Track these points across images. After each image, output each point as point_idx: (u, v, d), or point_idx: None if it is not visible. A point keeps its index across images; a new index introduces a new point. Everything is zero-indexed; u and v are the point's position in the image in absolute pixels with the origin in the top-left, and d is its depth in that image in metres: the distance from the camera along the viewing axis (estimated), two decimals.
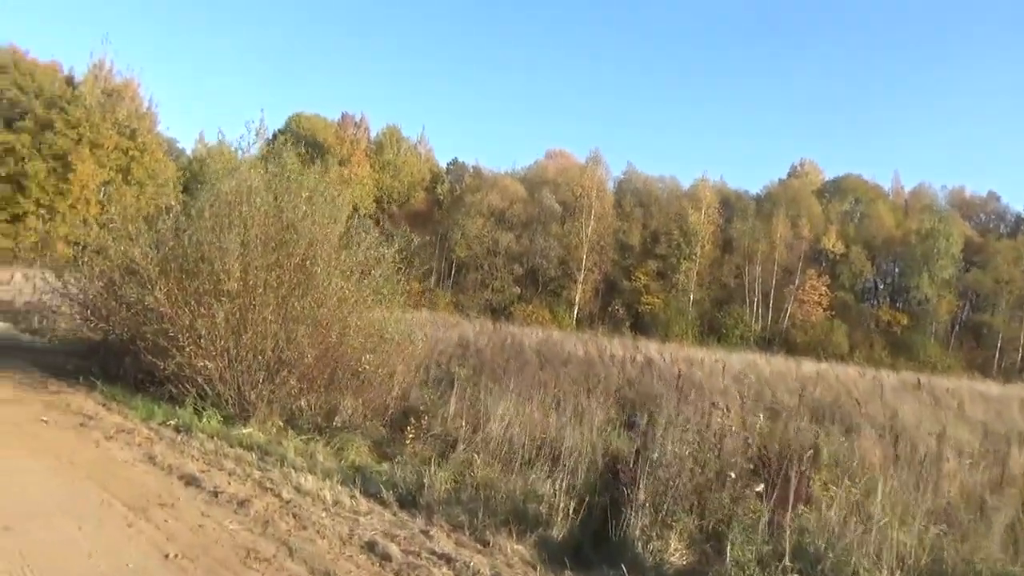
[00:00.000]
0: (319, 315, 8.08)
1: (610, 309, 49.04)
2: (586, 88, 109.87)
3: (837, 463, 7.55)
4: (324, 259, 8.27)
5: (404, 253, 9.67)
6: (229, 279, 7.65)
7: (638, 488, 5.33)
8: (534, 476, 6.16)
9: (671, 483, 5.63)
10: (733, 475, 5.32)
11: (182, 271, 7.99)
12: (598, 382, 11.51)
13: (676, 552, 4.93)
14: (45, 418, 7.02)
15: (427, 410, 7.76)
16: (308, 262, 8.21)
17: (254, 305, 7.77)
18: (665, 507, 5.38)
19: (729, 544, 4.61)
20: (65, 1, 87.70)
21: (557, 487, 5.69)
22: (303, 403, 8.17)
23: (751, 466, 5.57)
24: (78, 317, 11.17)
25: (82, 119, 44.39)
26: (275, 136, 62.06)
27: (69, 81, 47.45)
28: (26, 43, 60.68)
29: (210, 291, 7.76)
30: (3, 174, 43.67)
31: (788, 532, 4.89)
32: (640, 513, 5.13)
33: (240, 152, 17.66)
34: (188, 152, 59.39)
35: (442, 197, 58.93)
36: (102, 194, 45.59)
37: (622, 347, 24.14)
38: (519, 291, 50.16)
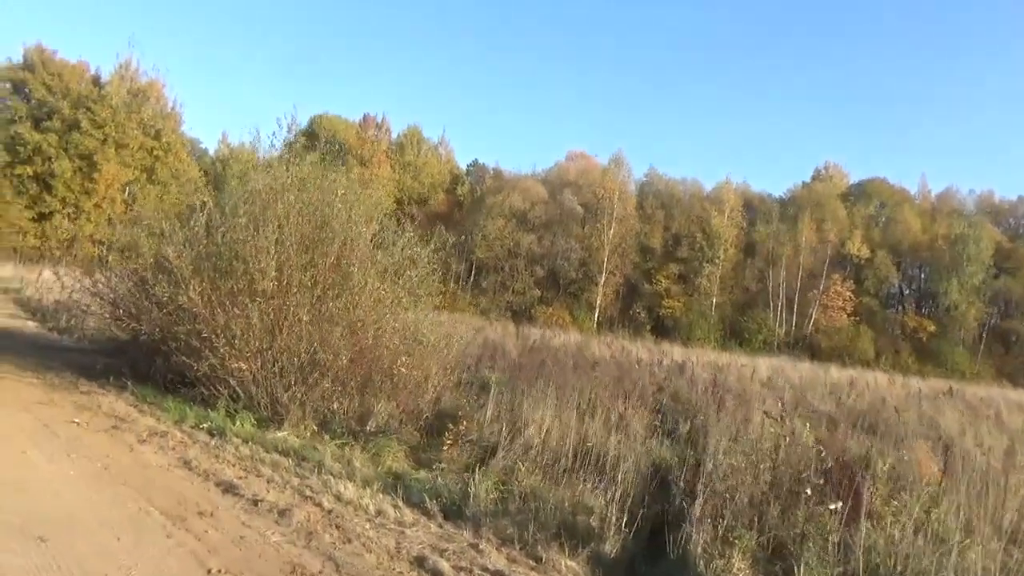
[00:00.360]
0: (354, 316, 7.88)
1: (631, 312, 48.64)
2: (607, 89, 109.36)
3: (892, 476, 7.23)
4: (359, 259, 8.08)
5: (439, 254, 9.45)
6: (264, 278, 7.47)
7: (696, 501, 5.06)
8: (581, 486, 5.91)
9: (729, 496, 5.36)
10: (808, 491, 5.00)
11: (215, 270, 7.82)
12: (632, 387, 11.24)
13: (740, 572, 4.65)
14: (77, 420, 6.87)
15: (465, 415, 7.52)
16: (343, 262, 8.01)
17: (288, 305, 7.59)
18: (724, 522, 5.12)
19: (803, 565, 4.32)
20: (93, 1, 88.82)
21: (607, 498, 5.44)
22: (336, 406, 7.98)
23: (821, 480, 5.25)
24: (107, 316, 11.07)
25: (108, 119, 44.76)
26: (297, 136, 62.48)
27: (96, 81, 47.88)
28: (55, 43, 61.12)
29: (244, 290, 7.58)
30: (31, 173, 44.16)
31: (859, 551, 4.61)
32: (700, 528, 4.86)
33: (269, 148, 17.36)
34: (211, 152, 59.71)
35: (462, 198, 58.83)
36: (127, 193, 46.01)
37: (647, 351, 23.87)
38: (540, 293, 49.91)
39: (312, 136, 57.88)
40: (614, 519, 5.15)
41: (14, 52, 49.22)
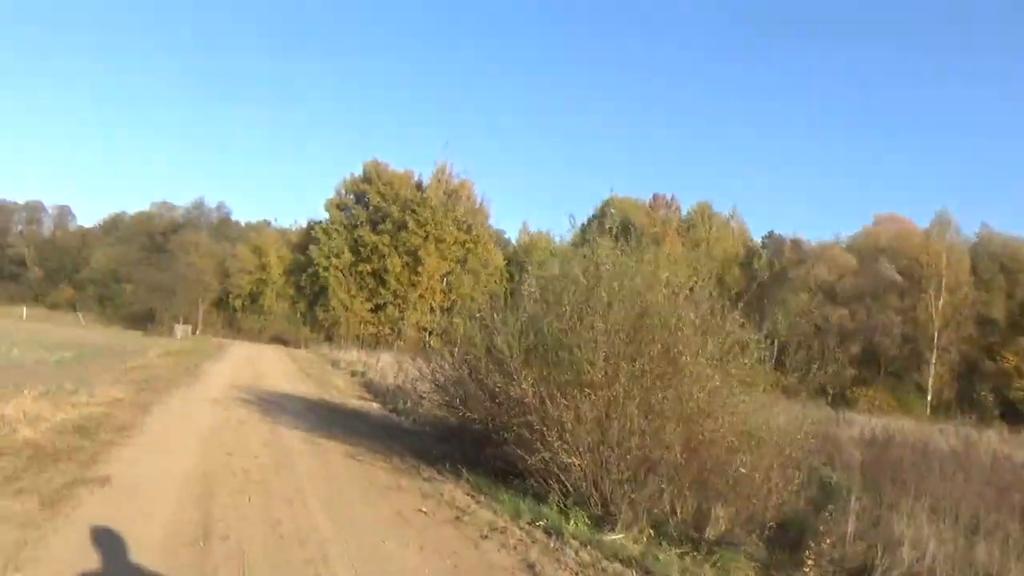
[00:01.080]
0: (686, 408, 7.29)
1: (974, 395, 41.49)
2: (918, 147, 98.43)
3: None
4: (689, 345, 7.52)
5: (770, 337, 8.55)
6: (592, 369, 7.24)
7: None
8: None
9: None
10: None
11: (544, 360, 7.79)
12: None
13: None
14: (424, 508, 7.10)
15: (826, 530, 6.43)
16: (672, 350, 7.52)
17: (617, 397, 7.25)
18: None
19: None
20: (412, 117, 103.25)
21: None
22: (668, 507, 7.37)
23: None
24: (438, 400, 11.80)
25: (428, 218, 50.62)
26: (590, 221, 65.02)
27: (419, 186, 54.68)
28: (387, 157, 71.30)
29: (572, 382, 7.42)
30: (370, 270, 51.41)
31: None
32: None
33: (568, 233, 17.86)
34: (513, 241, 64.37)
35: (759, 272, 56.03)
36: (444, 283, 51.27)
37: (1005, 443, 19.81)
38: (856, 373, 44.91)
39: (604, 219, 59.60)
40: None
41: (356, 168, 58.40)
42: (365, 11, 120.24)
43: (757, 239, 62.12)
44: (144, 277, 56.80)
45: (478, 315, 8.88)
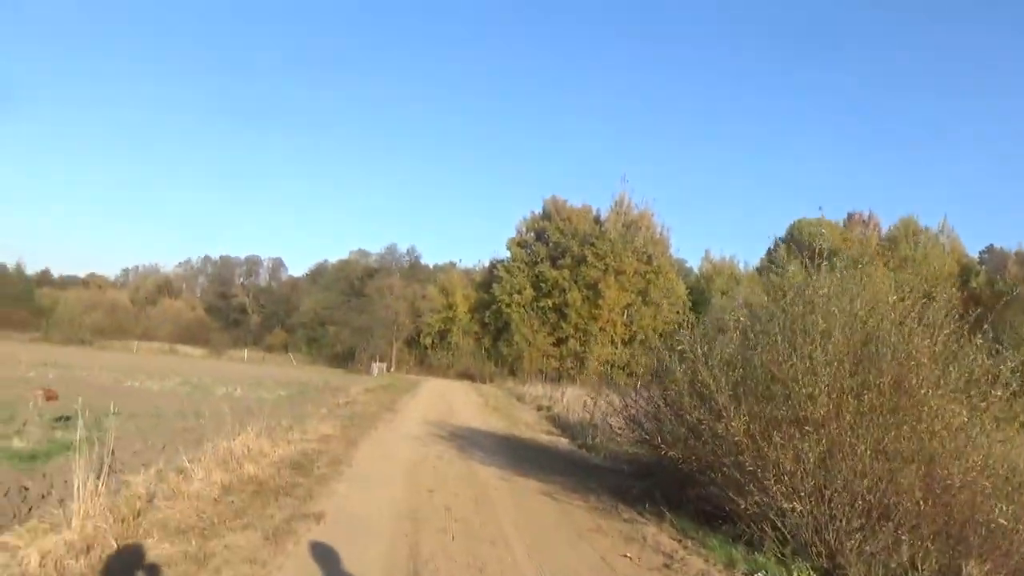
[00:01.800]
0: (928, 448, 6.34)
1: None
2: None
3: None
4: (926, 377, 6.58)
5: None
6: (812, 404, 6.52)
7: None
8: None
9: None
10: None
11: (754, 394, 7.16)
12: None
13: None
14: (628, 554, 6.70)
15: None
16: (905, 382, 6.61)
17: (842, 436, 6.47)
18: None
19: None
20: (589, 153, 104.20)
21: None
22: (907, 560, 6.41)
23: None
24: (631, 436, 11.37)
25: (607, 251, 50.42)
26: (777, 245, 61.71)
27: (597, 219, 54.78)
28: (566, 193, 72.36)
29: (788, 418, 6.74)
30: (551, 305, 51.98)
31: None
32: None
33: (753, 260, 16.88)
34: (695, 270, 62.45)
35: (979, 291, 49.92)
36: (625, 316, 50.62)
37: None
38: None
39: (793, 243, 56.44)
40: None
41: (536, 206, 59.75)
42: (536, 56, 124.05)
43: (974, 254, 55.68)
44: (345, 319, 61.40)
45: (678, 347, 8.37)
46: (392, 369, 55.74)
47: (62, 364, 29.80)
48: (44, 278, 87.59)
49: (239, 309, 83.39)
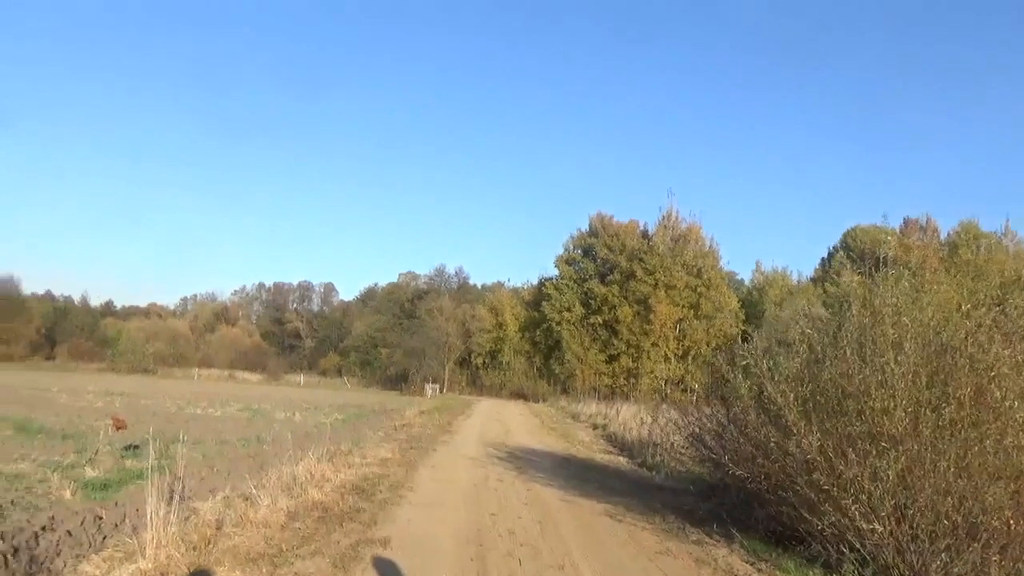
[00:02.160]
0: (1017, 463, 6.03)
1: None
2: None
3: None
4: (1010, 388, 6.27)
5: None
6: (889, 420, 6.27)
7: None
8: None
9: None
10: None
11: (825, 410, 6.93)
12: None
13: None
14: None
15: None
16: (987, 394, 6.31)
17: (923, 452, 6.20)
18: None
19: None
20: (634, 168, 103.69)
21: None
22: None
23: None
24: (694, 455, 11.14)
25: (657, 265, 49.95)
26: (832, 253, 60.28)
27: (644, 234, 54.40)
28: (611, 209, 72.05)
29: (863, 434, 6.49)
30: (601, 321, 51.64)
31: None
32: None
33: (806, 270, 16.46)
34: (746, 282, 61.37)
35: None
36: (677, 330, 49.95)
37: None
38: None
39: (849, 251, 55.04)
40: None
41: (582, 223, 59.62)
42: (580, 74, 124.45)
43: None
44: (397, 342, 62.07)
45: (741, 362, 8.17)
46: (445, 390, 55.97)
47: (128, 393, 30.75)
48: (107, 309, 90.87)
49: (293, 334, 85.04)
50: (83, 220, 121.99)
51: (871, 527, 6.22)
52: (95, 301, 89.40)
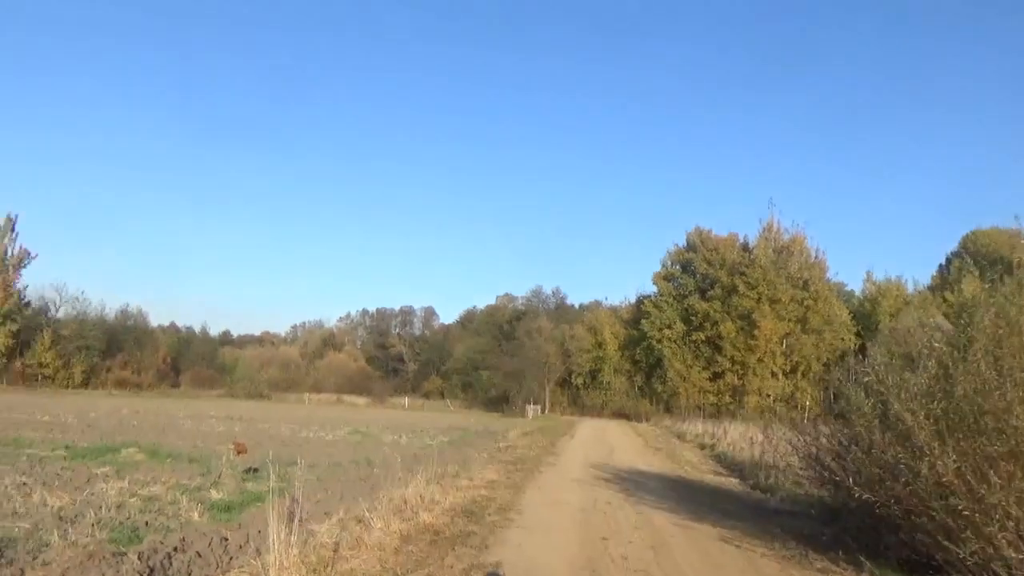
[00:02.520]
0: None
1: None
2: None
3: None
4: None
5: None
6: None
7: None
8: None
9: None
10: None
11: (960, 429, 6.45)
12: None
13: None
14: None
15: None
16: None
17: None
18: None
19: None
20: (732, 180, 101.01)
21: None
22: None
23: None
24: (813, 477, 10.60)
25: (759, 279, 48.33)
26: (949, 260, 56.61)
27: (745, 248, 52.83)
28: (708, 223, 70.46)
29: (1005, 455, 6.00)
30: (703, 338, 50.34)
31: None
32: None
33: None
34: (857, 293, 58.42)
35: None
36: (784, 345, 48.02)
37: None
38: None
39: (970, 256, 51.59)
40: None
41: (679, 238, 58.51)
42: (675, 89, 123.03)
43: None
44: (497, 363, 62.61)
45: (864, 378, 7.73)
46: (546, 411, 55.89)
47: (246, 418, 32.31)
48: (225, 338, 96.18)
49: (397, 358, 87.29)
50: (201, 255, 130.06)
51: (1021, 556, 5.72)
52: (214, 331, 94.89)
